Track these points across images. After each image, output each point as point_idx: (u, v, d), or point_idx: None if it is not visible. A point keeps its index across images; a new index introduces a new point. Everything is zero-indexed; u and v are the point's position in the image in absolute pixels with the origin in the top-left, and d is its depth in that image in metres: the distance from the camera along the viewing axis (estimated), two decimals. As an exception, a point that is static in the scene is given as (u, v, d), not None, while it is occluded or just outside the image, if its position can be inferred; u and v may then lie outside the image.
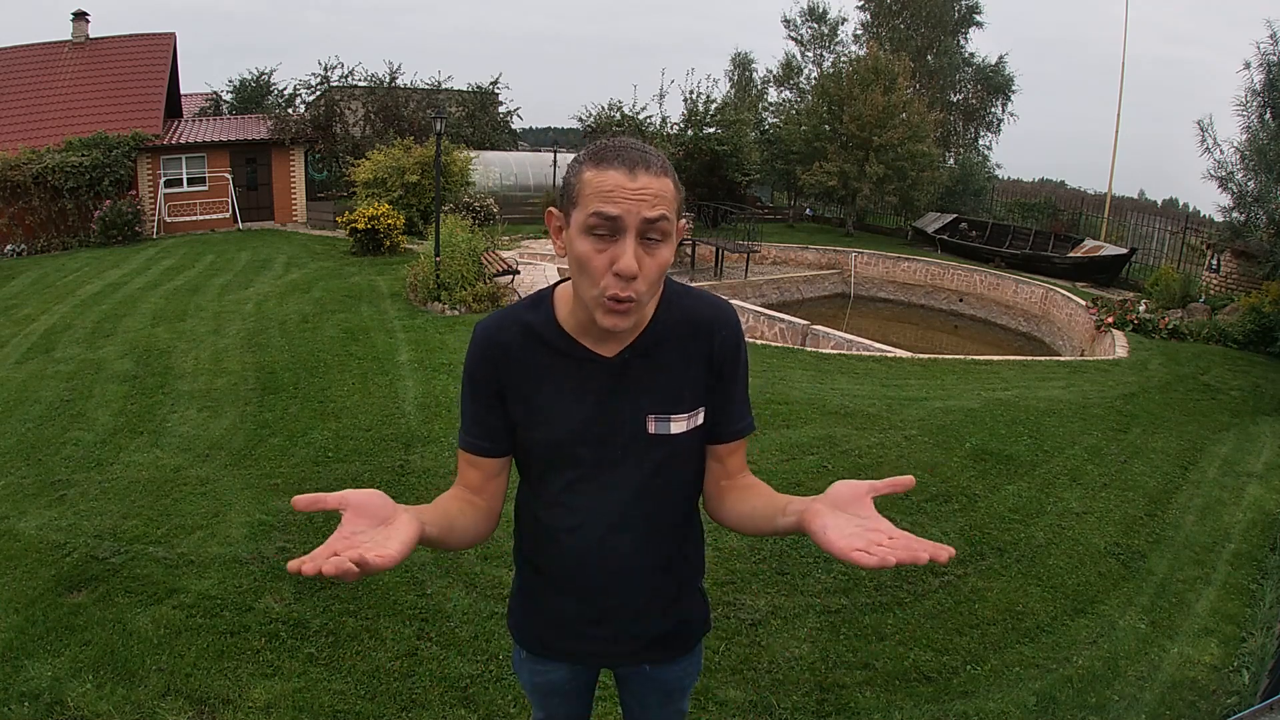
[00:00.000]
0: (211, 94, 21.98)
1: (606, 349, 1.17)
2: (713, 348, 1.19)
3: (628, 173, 1.02)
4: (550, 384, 1.18)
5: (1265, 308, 8.61)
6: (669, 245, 1.06)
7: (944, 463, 4.76)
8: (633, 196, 1.01)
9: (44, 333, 7.65)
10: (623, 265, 1.01)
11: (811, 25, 23.23)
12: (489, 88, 19.95)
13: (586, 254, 1.04)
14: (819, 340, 9.06)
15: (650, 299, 1.09)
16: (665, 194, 1.04)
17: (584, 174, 1.05)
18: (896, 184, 16.77)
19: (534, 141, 26.55)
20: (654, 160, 1.04)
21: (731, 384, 1.22)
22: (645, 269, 1.03)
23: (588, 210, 1.03)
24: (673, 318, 1.18)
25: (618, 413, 1.17)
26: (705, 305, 1.21)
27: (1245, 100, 8.27)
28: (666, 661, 1.37)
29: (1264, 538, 4.04)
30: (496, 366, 1.19)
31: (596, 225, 1.02)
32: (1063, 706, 2.69)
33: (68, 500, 4.03)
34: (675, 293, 1.21)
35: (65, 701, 2.51)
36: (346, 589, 3.22)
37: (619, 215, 1.01)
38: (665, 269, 1.08)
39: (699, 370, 1.19)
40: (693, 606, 1.37)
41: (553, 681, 1.39)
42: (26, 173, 13.14)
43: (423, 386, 5.97)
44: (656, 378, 1.17)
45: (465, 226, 10.16)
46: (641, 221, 1.02)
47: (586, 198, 1.03)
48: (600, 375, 1.17)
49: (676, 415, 1.18)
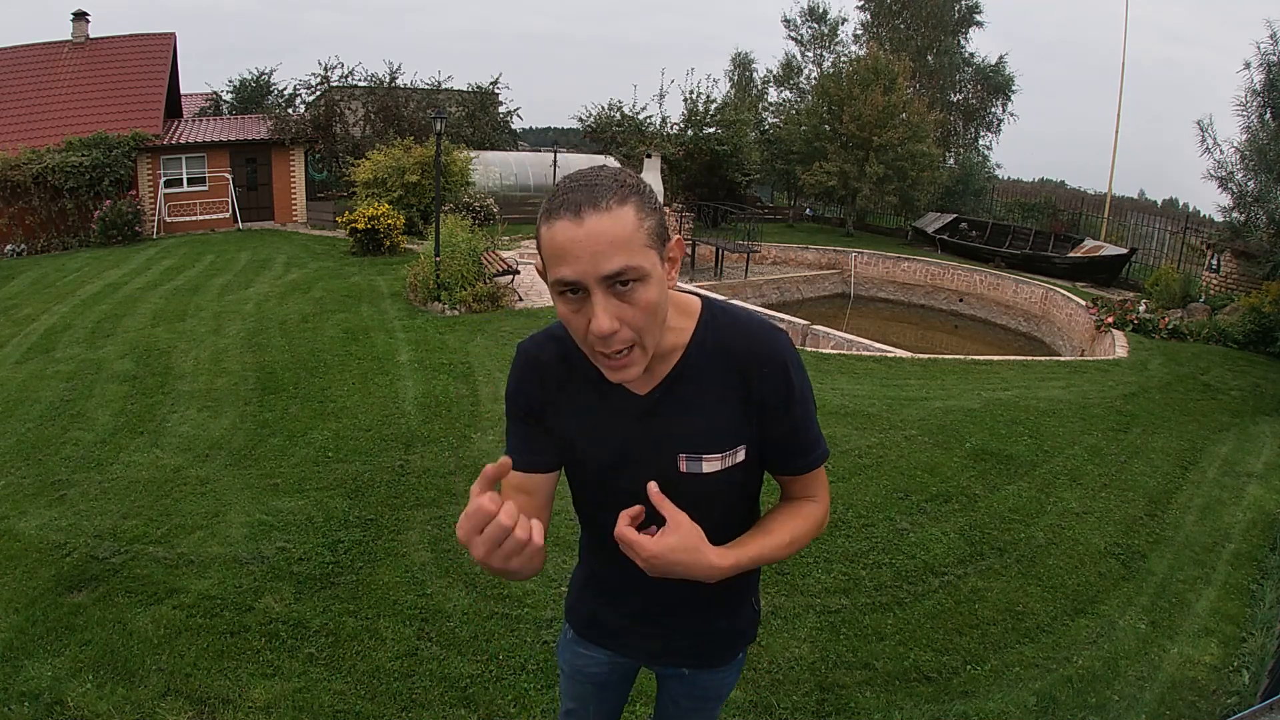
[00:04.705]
0: (211, 94, 21.96)
1: (637, 385, 1.13)
2: (750, 385, 1.11)
3: (574, 219, 0.94)
4: (582, 416, 1.16)
5: (1265, 308, 8.60)
6: (649, 283, 0.97)
7: (944, 463, 4.76)
8: (585, 251, 0.93)
9: (44, 333, 7.64)
10: (594, 328, 0.96)
11: (811, 25, 23.25)
12: (489, 88, 19.98)
13: (566, 317, 1.00)
14: (819, 340, 9.06)
15: (653, 337, 1.02)
16: (621, 234, 0.94)
17: (541, 230, 0.98)
18: (896, 184, 16.76)
19: (534, 141, 26.58)
20: (604, 193, 0.94)
21: (786, 422, 1.13)
22: (627, 317, 0.97)
23: (552, 277, 0.97)
24: (707, 350, 1.12)
25: (647, 451, 1.13)
26: (745, 337, 1.11)
27: (1245, 100, 8.26)
28: (706, 668, 1.37)
29: (1264, 538, 4.04)
30: (534, 386, 1.17)
31: (562, 290, 0.98)
32: (1063, 706, 2.69)
33: (68, 500, 4.03)
34: (713, 319, 1.13)
35: (65, 701, 2.51)
36: (346, 589, 3.22)
37: (576, 279, 0.95)
38: (655, 305, 0.98)
39: (737, 407, 1.11)
40: (740, 619, 1.35)
41: (591, 669, 1.41)
42: (26, 173, 13.15)
43: (423, 386, 5.97)
44: (688, 415, 1.12)
45: (465, 226, 10.15)
46: (600, 280, 0.94)
47: (548, 259, 0.98)
48: (630, 412, 1.14)
49: (709, 455, 1.12)
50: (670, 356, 1.11)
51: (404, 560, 3.46)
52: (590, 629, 1.38)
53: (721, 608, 1.31)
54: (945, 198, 19.12)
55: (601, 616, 1.36)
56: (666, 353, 1.11)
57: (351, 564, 3.43)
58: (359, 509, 3.95)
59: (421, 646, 2.86)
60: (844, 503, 4.14)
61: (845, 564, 3.56)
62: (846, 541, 3.76)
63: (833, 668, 2.84)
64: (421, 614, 3.06)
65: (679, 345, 1.12)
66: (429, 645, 2.87)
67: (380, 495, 4.12)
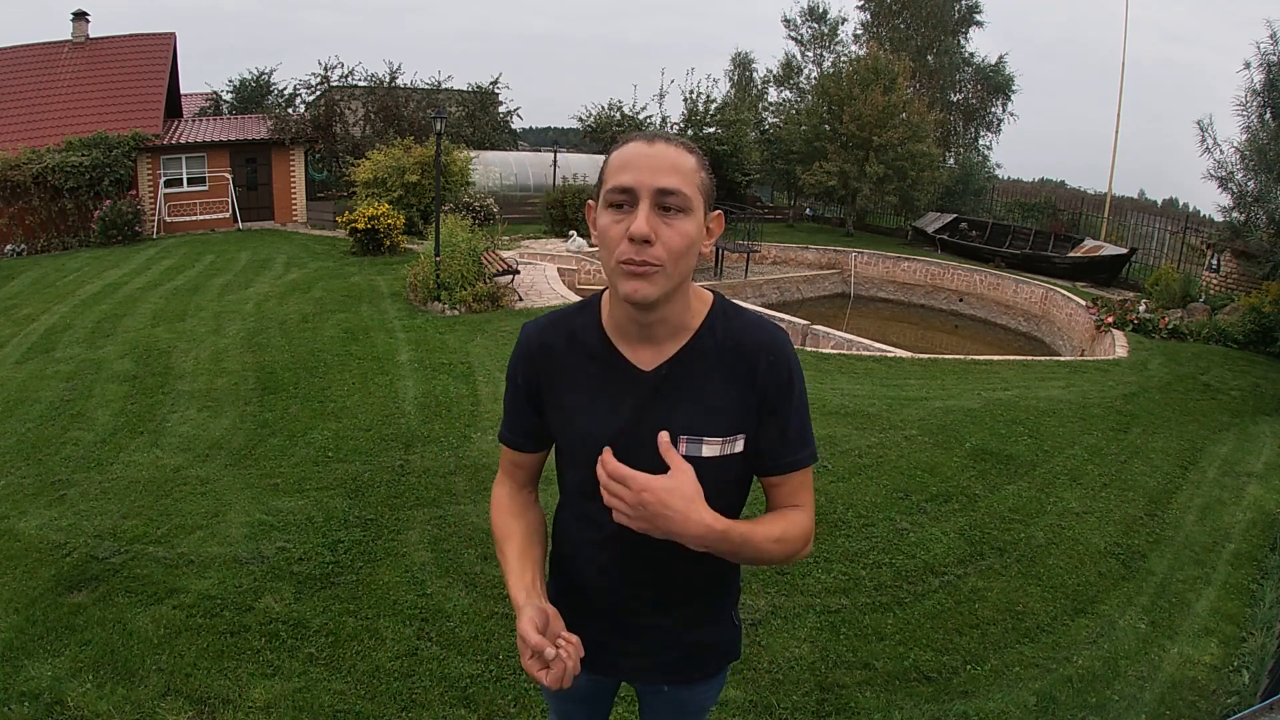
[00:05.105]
0: (211, 94, 21.97)
1: (644, 359, 1.14)
2: (757, 375, 1.14)
3: (647, 142, 1.06)
4: (586, 391, 1.17)
5: (1265, 308, 8.61)
6: (690, 219, 1.05)
7: (944, 463, 4.76)
8: (647, 164, 1.03)
9: (44, 333, 7.65)
10: (635, 228, 1.02)
11: (811, 25, 23.26)
12: (489, 88, 19.99)
13: (605, 225, 1.06)
14: (819, 340, 9.06)
15: (677, 272, 1.06)
16: (682, 165, 1.05)
17: (610, 156, 1.09)
18: (896, 184, 16.77)
19: (534, 141, 26.58)
20: (676, 138, 1.08)
21: (783, 414, 1.16)
22: (664, 238, 1.03)
23: (607, 186, 1.06)
24: (717, 336, 1.15)
25: (649, 430, 1.12)
26: (753, 329, 1.16)
27: (1245, 100, 8.27)
28: (686, 684, 1.34)
29: (1264, 538, 4.04)
30: (535, 367, 1.20)
31: (614, 198, 1.05)
32: (1063, 706, 2.69)
33: (68, 500, 4.03)
34: (724, 311, 1.18)
35: (65, 701, 2.51)
36: (346, 589, 3.22)
37: (632, 185, 1.03)
38: (689, 241, 1.06)
39: (740, 395, 1.14)
40: (721, 633, 1.32)
41: (574, 687, 1.39)
42: (26, 173, 13.15)
43: (423, 386, 5.97)
44: (692, 396, 1.13)
45: (465, 226, 10.14)
46: (655, 191, 1.03)
47: (609, 176, 1.07)
48: (635, 387, 1.14)
49: (710, 439, 1.13)
50: (680, 336, 1.15)
51: (404, 560, 3.46)
52: None
53: (700, 618, 1.28)
54: (945, 198, 19.12)
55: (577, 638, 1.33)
56: (677, 331, 1.14)
57: (351, 564, 3.43)
58: (359, 509, 3.95)
59: (421, 646, 2.86)
60: (844, 503, 4.14)
61: (845, 564, 3.56)
62: (846, 541, 3.76)
63: (833, 668, 2.84)
64: (421, 614, 3.06)
65: (690, 327, 1.15)
66: (429, 645, 2.87)
67: (380, 495, 4.12)
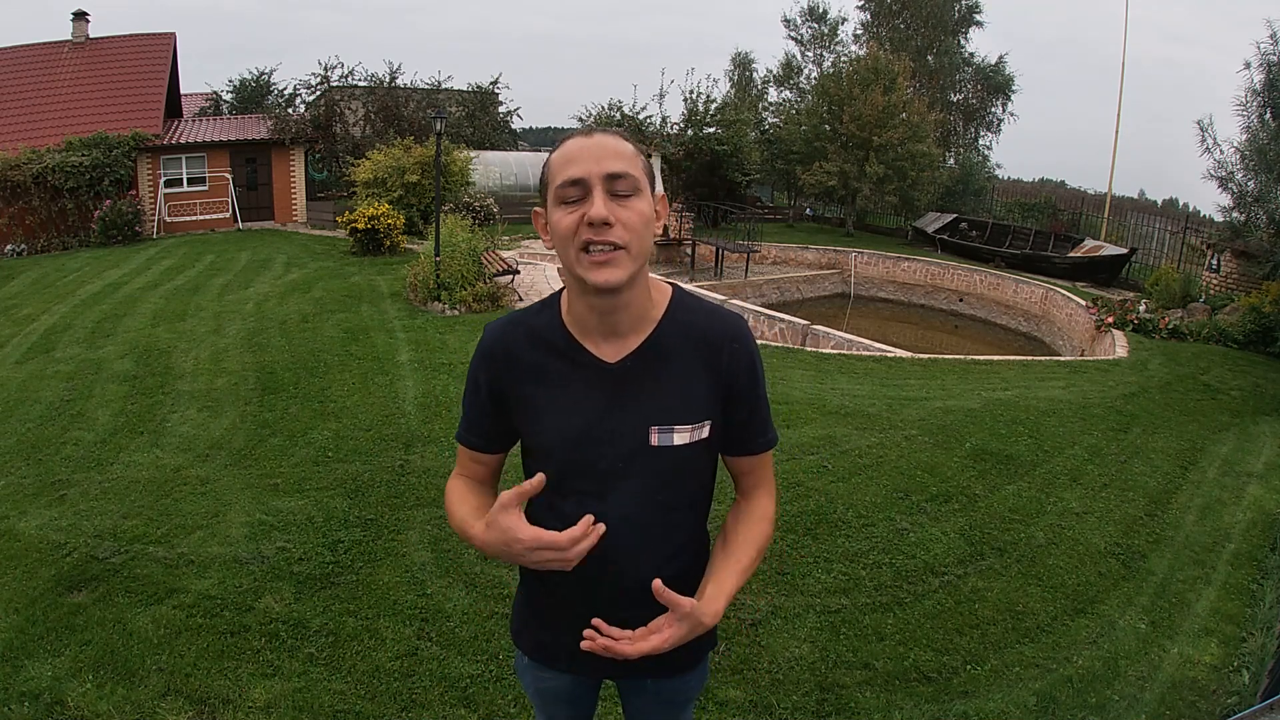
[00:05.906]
0: (211, 94, 21.98)
1: (608, 353, 1.15)
2: (721, 362, 1.16)
3: (584, 135, 1.08)
4: (552, 388, 1.17)
5: (1265, 308, 8.60)
6: (641, 198, 1.07)
7: (944, 463, 4.76)
8: (591, 154, 1.05)
9: (44, 333, 7.65)
10: (593, 212, 1.03)
11: (811, 25, 23.29)
12: (489, 88, 19.98)
13: (559, 220, 1.07)
14: (819, 340, 9.06)
15: (639, 251, 1.07)
16: (624, 150, 1.07)
17: (551, 156, 1.11)
18: (896, 184, 16.77)
19: (534, 141, 26.58)
20: (610, 128, 1.10)
21: (747, 400, 1.20)
22: (622, 219, 1.05)
23: (556, 183, 1.07)
24: (679, 326, 1.17)
25: (619, 422, 1.14)
26: (714, 318, 1.19)
27: (1245, 100, 8.26)
28: (668, 676, 1.35)
29: (1264, 538, 4.04)
30: (498, 368, 1.20)
31: (565, 193, 1.06)
32: (1063, 706, 2.69)
33: (68, 500, 4.03)
34: (684, 301, 1.20)
35: (65, 701, 2.51)
36: (346, 589, 3.22)
37: (582, 176, 1.05)
38: (645, 219, 1.08)
39: (706, 382, 1.16)
40: None
41: (555, 688, 1.38)
42: (26, 173, 13.16)
43: (423, 386, 5.97)
44: (660, 386, 1.15)
45: (465, 226, 10.15)
46: (604, 177, 1.05)
47: (554, 174, 1.08)
48: (602, 381, 1.15)
49: (680, 426, 1.15)
50: (642, 328, 1.16)
51: (404, 560, 3.46)
52: (540, 651, 1.34)
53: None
54: (945, 198, 19.13)
55: (551, 640, 1.31)
56: (639, 323, 1.16)
57: (351, 564, 3.43)
58: (359, 509, 3.95)
59: (421, 646, 2.86)
60: (844, 503, 4.14)
61: (845, 564, 3.56)
62: (846, 541, 3.76)
63: (833, 668, 2.84)
64: (421, 614, 3.06)
65: (653, 318, 1.17)
66: (429, 645, 2.87)
67: (380, 495, 4.12)
